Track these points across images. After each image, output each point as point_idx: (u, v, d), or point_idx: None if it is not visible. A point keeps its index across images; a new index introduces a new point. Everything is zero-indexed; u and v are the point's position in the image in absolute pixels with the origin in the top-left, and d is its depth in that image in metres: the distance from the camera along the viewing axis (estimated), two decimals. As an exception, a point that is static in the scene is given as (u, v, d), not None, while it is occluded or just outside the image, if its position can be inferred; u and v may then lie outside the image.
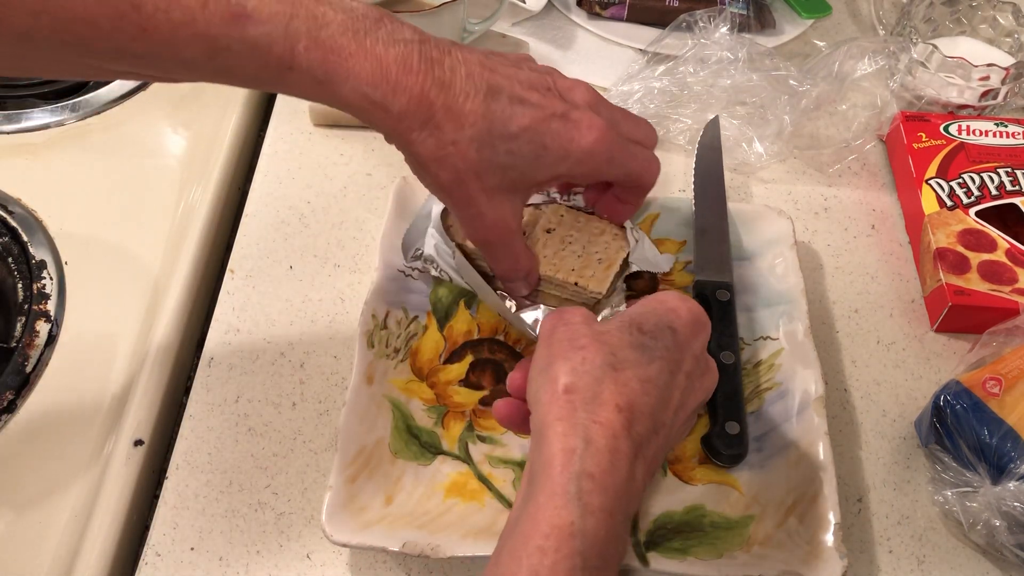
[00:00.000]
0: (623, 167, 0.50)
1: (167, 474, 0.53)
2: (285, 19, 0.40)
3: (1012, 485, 0.48)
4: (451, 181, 0.46)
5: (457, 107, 0.44)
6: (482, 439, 0.53)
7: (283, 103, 0.74)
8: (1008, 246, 0.62)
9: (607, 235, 0.56)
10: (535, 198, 0.59)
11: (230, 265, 0.63)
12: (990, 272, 0.60)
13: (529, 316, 0.54)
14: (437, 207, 0.57)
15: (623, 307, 0.55)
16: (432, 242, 0.57)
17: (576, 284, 0.54)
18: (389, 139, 0.46)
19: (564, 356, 0.42)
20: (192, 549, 0.50)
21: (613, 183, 0.54)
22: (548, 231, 0.56)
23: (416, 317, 0.57)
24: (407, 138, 0.45)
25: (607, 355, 0.41)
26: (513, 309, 0.55)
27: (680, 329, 0.44)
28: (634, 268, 0.57)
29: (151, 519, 0.52)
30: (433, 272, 0.57)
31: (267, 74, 0.41)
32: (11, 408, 0.55)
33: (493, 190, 0.47)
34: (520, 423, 0.46)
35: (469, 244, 0.55)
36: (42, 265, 0.62)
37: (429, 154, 0.45)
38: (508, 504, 0.50)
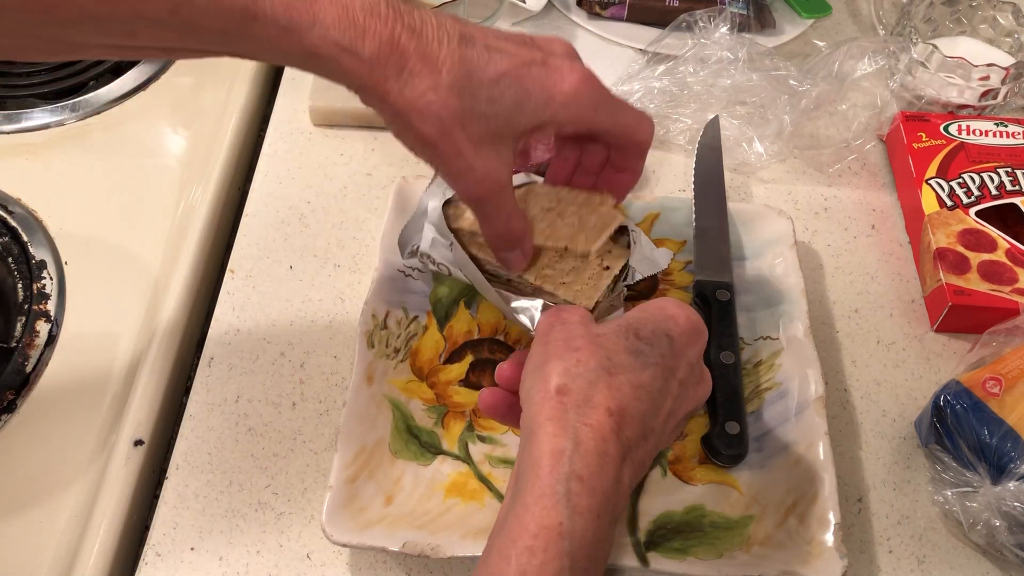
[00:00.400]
0: (611, 117, 0.48)
1: (167, 474, 0.53)
2: None
3: (1012, 485, 0.48)
4: (435, 133, 0.43)
5: (432, 53, 0.42)
6: (482, 439, 0.53)
7: (283, 102, 0.74)
8: (1008, 246, 0.62)
9: (606, 206, 0.53)
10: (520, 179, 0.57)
11: (230, 265, 0.63)
12: (990, 272, 0.60)
13: (525, 311, 0.53)
14: (434, 201, 0.57)
15: (621, 309, 0.54)
16: (430, 236, 0.57)
17: (567, 248, 0.52)
18: (364, 96, 0.43)
19: (559, 356, 0.42)
20: (192, 549, 0.50)
21: (608, 144, 0.51)
22: (547, 210, 0.54)
23: (416, 317, 0.57)
24: (382, 89, 0.42)
25: (602, 358, 0.41)
26: (510, 303, 0.54)
27: (677, 337, 0.44)
28: (638, 276, 0.56)
29: (151, 519, 0.52)
30: (431, 267, 0.57)
31: (231, 25, 0.40)
32: (11, 408, 0.55)
33: (479, 140, 0.44)
34: (504, 413, 0.46)
35: (465, 224, 0.54)
36: (42, 265, 0.62)
37: (407, 104, 0.42)
38: (508, 504, 0.50)
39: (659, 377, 0.42)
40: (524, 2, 0.79)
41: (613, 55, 0.79)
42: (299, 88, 0.74)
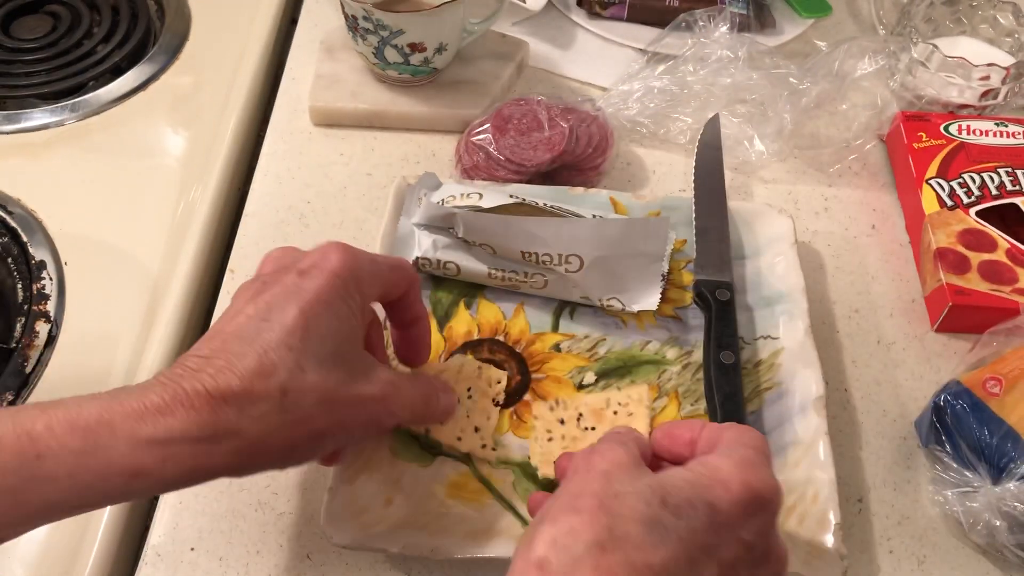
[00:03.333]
0: (385, 276, 0.45)
1: (167, 474, 0.53)
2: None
3: (1012, 485, 0.48)
4: (326, 421, 0.40)
5: (235, 384, 0.38)
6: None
7: (283, 102, 0.74)
8: (1008, 246, 0.62)
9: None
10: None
11: (230, 265, 0.63)
12: (990, 272, 0.60)
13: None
14: (414, 219, 0.58)
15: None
16: (427, 240, 0.57)
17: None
18: (226, 475, 0.39)
19: (554, 518, 0.35)
20: (192, 549, 0.50)
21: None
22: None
23: (416, 317, 0.57)
24: (244, 453, 0.38)
25: (601, 529, 0.34)
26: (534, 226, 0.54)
27: (724, 507, 0.36)
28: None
29: (151, 519, 0.52)
30: (438, 272, 0.58)
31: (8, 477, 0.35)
32: (11, 408, 0.55)
33: (351, 379, 0.41)
34: None
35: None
36: (42, 265, 0.62)
37: (282, 434, 0.38)
38: (508, 505, 0.50)
39: (681, 558, 0.34)
40: (524, 2, 0.79)
41: (613, 55, 0.79)
42: (299, 88, 0.74)
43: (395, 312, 0.48)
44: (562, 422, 0.53)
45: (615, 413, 0.53)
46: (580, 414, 0.53)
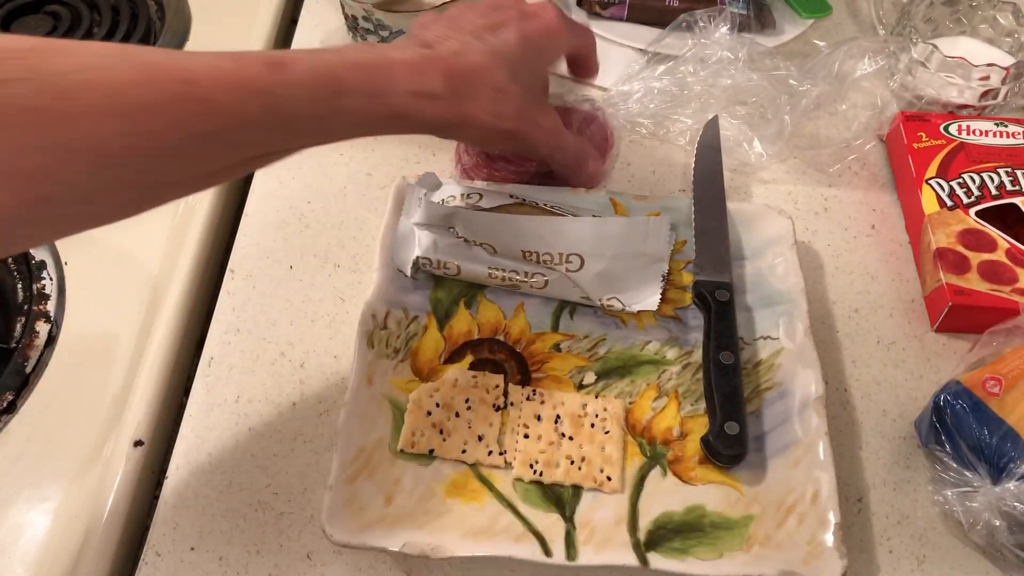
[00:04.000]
0: (579, 38, 0.59)
1: (167, 474, 0.53)
2: (314, 58, 0.45)
3: (1012, 485, 0.48)
4: (515, 124, 0.52)
5: (472, 63, 0.49)
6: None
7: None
8: (1008, 246, 0.62)
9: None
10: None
11: (230, 265, 0.63)
12: (990, 272, 0.60)
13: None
14: (414, 218, 0.58)
15: None
16: (427, 240, 0.57)
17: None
18: (446, 132, 0.51)
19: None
20: (192, 549, 0.50)
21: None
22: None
23: (416, 317, 0.57)
24: (466, 115, 0.49)
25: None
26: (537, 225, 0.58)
27: None
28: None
29: (151, 519, 0.52)
30: (438, 272, 0.58)
31: (321, 107, 0.44)
32: (11, 409, 0.55)
33: (533, 105, 0.53)
34: None
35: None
36: (42, 265, 0.62)
37: (495, 116, 0.50)
38: (508, 504, 0.50)
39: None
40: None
41: (613, 55, 0.78)
42: (299, 88, 0.74)
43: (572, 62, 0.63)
44: (539, 418, 0.53)
45: (592, 426, 0.53)
46: (558, 415, 0.53)
